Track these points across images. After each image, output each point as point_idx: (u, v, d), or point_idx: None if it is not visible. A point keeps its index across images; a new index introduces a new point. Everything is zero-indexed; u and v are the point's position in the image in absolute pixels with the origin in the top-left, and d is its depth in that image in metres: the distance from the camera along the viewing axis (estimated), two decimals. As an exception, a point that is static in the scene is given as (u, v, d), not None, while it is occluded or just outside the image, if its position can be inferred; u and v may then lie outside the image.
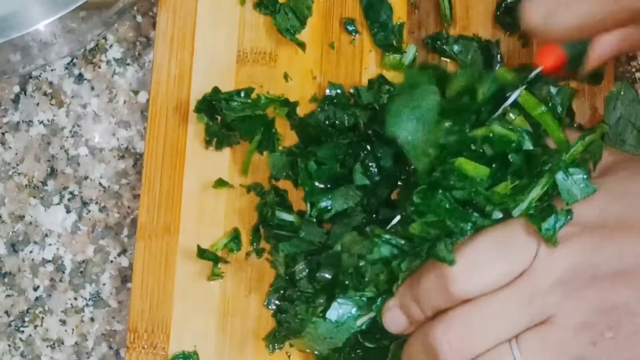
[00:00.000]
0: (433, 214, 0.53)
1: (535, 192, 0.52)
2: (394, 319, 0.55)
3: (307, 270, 0.60)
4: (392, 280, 0.55)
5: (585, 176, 0.52)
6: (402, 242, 0.55)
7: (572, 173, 0.52)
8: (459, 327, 0.51)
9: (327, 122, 0.63)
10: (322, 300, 0.58)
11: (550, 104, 0.57)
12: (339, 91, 0.65)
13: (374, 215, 0.61)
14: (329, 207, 0.61)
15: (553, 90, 0.57)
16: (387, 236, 0.55)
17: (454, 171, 0.53)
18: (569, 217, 0.51)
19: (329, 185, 0.62)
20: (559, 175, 0.52)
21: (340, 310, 0.57)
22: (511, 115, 0.55)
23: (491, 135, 0.54)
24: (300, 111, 0.65)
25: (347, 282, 0.56)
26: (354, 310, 0.57)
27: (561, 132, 0.54)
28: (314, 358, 0.61)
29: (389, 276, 0.55)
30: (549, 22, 0.53)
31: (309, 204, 0.62)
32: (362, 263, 0.55)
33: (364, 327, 0.58)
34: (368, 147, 0.61)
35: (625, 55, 0.67)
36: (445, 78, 0.57)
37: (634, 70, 0.67)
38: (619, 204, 0.52)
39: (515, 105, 0.55)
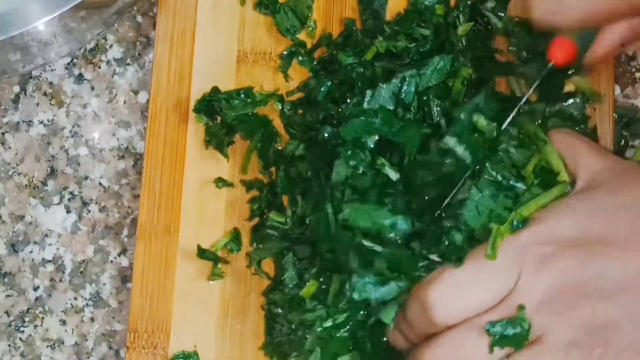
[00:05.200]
0: None
1: None
2: (394, 337, 0.56)
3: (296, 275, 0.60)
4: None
5: None
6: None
7: None
8: (448, 352, 0.51)
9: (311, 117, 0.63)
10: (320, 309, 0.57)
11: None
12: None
13: None
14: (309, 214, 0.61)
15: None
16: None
17: None
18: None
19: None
20: None
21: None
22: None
23: None
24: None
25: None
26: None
27: None
28: None
29: None
30: (558, 13, 0.53)
31: (290, 211, 0.61)
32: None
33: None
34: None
35: (625, 55, 0.67)
36: None
37: (634, 70, 0.67)
38: (599, 220, 0.51)
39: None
